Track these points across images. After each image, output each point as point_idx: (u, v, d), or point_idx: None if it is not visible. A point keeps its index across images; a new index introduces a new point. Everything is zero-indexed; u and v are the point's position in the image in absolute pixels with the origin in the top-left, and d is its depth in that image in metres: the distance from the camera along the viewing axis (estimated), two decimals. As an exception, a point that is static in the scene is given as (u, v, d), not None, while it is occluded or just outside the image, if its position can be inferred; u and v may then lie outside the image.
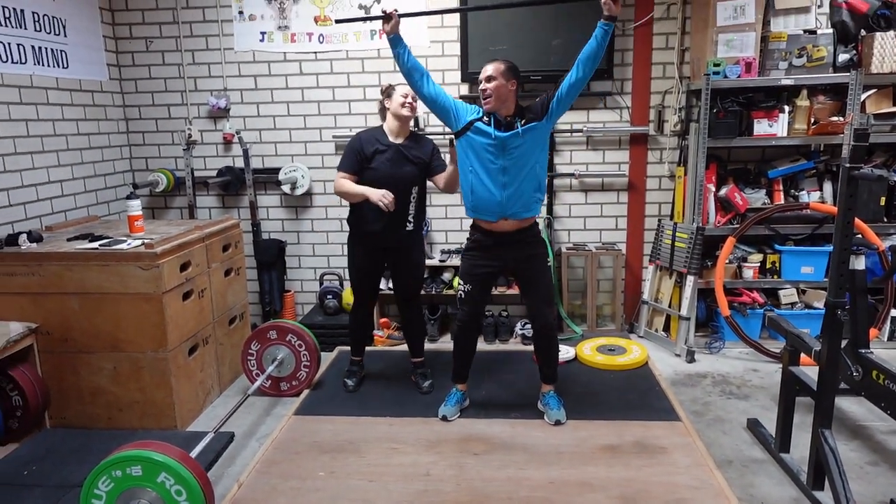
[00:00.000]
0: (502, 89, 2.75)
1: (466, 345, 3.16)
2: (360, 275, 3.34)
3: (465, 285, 3.02)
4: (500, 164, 2.81)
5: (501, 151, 2.80)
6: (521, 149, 2.81)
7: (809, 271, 3.91)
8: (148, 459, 2.13)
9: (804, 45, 3.72)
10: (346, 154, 3.14)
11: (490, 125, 2.80)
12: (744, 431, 3.02)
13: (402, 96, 3.09)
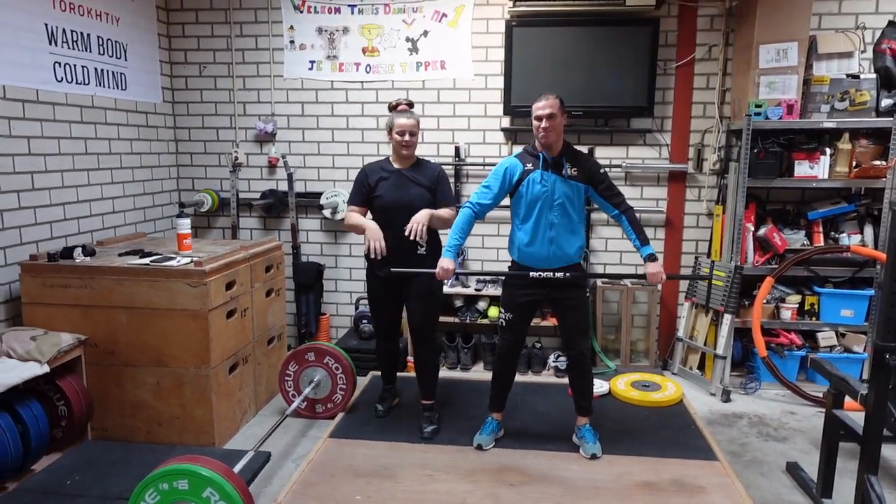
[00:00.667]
0: (560, 126, 2.86)
1: (505, 374, 3.17)
2: (376, 305, 3.31)
3: (506, 313, 3.05)
4: (549, 217, 2.89)
5: (551, 194, 2.88)
6: (567, 196, 2.89)
7: (849, 314, 3.86)
8: (195, 474, 2.17)
9: (847, 89, 3.74)
10: (354, 188, 3.19)
11: (538, 168, 2.90)
12: (783, 474, 2.97)
13: (398, 135, 3.07)
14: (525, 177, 2.91)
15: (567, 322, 3.05)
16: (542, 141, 2.86)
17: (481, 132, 4.30)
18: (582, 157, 2.97)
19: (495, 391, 3.19)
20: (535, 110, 2.85)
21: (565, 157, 2.90)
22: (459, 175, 4.35)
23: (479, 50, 4.21)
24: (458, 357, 4.25)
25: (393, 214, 3.07)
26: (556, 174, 2.89)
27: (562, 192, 2.88)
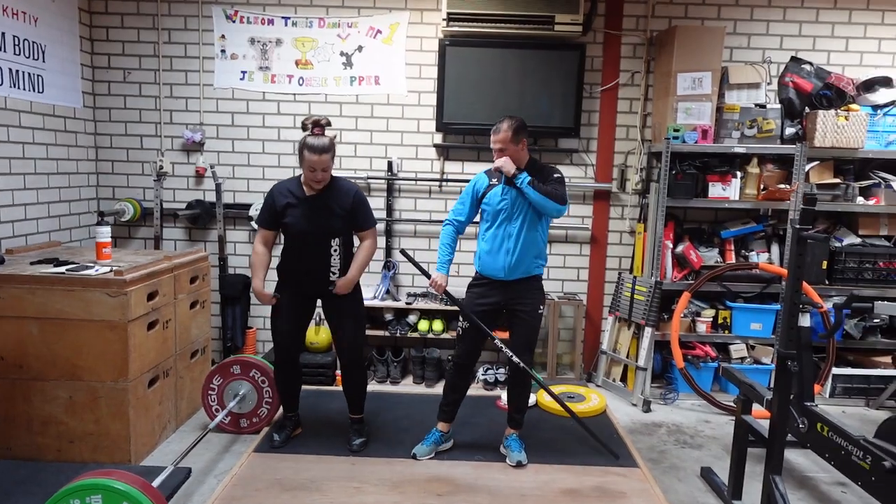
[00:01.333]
0: (514, 154, 2.98)
1: (458, 384, 3.20)
2: (286, 323, 3.12)
3: (464, 322, 3.09)
4: (508, 229, 3.00)
5: (510, 208, 2.99)
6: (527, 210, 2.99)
7: (758, 328, 4.11)
8: (109, 488, 2.08)
9: (755, 118, 4.02)
10: (262, 209, 3.09)
11: (501, 182, 3.03)
12: (698, 479, 3.11)
13: (309, 170, 2.92)
14: (489, 191, 3.05)
15: (516, 334, 3.13)
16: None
17: (414, 147, 4.36)
18: (544, 168, 3.08)
19: (446, 400, 3.22)
20: (491, 142, 3.01)
21: (527, 173, 2.99)
22: (392, 189, 4.38)
23: (413, 67, 4.27)
24: (387, 371, 4.24)
25: (303, 244, 3.03)
26: (516, 189, 2.99)
27: (521, 205, 2.99)
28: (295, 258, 3.08)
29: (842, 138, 3.91)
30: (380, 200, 4.38)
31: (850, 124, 3.90)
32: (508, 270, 3.01)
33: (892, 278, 4.07)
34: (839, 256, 4.06)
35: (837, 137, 3.91)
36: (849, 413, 3.98)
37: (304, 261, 3.06)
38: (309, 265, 3.07)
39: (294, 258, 3.08)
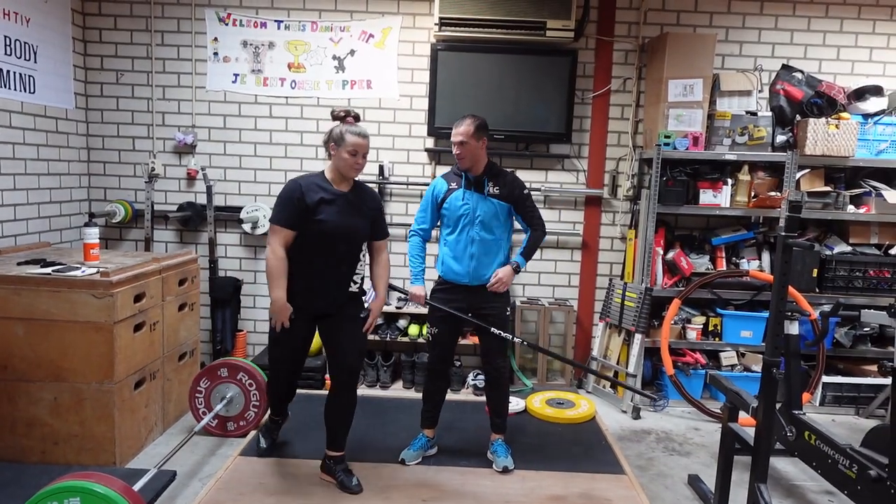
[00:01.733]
0: (474, 150, 2.96)
1: (435, 389, 3.19)
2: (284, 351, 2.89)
3: (432, 328, 3.09)
4: (470, 233, 2.99)
5: (472, 212, 2.99)
6: (489, 214, 3.00)
7: (748, 335, 4.10)
8: (88, 491, 2.07)
9: (746, 125, 4.03)
10: (284, 205, 2.66)
11: (461, 186, 3.02)
12: (685, 486, 3.10)
13: (350, 154, 2.67)
14: (449, 195, 3.04)
15: (486, 338, 3.11)
16: (459, 165, 3.00)
17: (405, 152, 4.36)
18: (506, 176, 3.07)
19: (426, 406, 3.21)
20: (452, 135, 2.97)
21: (487, 177, 3.00)
22: (383, 194, 4.38)
23: (405, 71, 4.28)
24: (377, 375, 4.23)
25: (336, 242, 2.72)
26: (478, 192, 2.99)
27: (483, 210, 2.99)
28: (316, 266, 2.73)
29: (832, 146, 3.92)
30: (371, 204, 4.37)
31: (840, 132, 3.91)
32: (473, 275, 3.02)
33: (882, 287, 4.07)
34: (829, 264, 4.07)
35: (828, 145, 3.92)
36: (839, 422, 3.97)
37: (327, 270, 2.74)
38: (330, 276, 2.76)
39: (314, 266, 2.73)
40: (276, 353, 2.95)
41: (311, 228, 2.68)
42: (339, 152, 2.68)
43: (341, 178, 2.75)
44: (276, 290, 2.70)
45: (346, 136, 2.67)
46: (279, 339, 2.83)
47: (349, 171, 2.72)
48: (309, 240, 2.70)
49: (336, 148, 2.69)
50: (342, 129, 2.68)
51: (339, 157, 2.69)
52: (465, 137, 2.92)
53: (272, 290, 2.70)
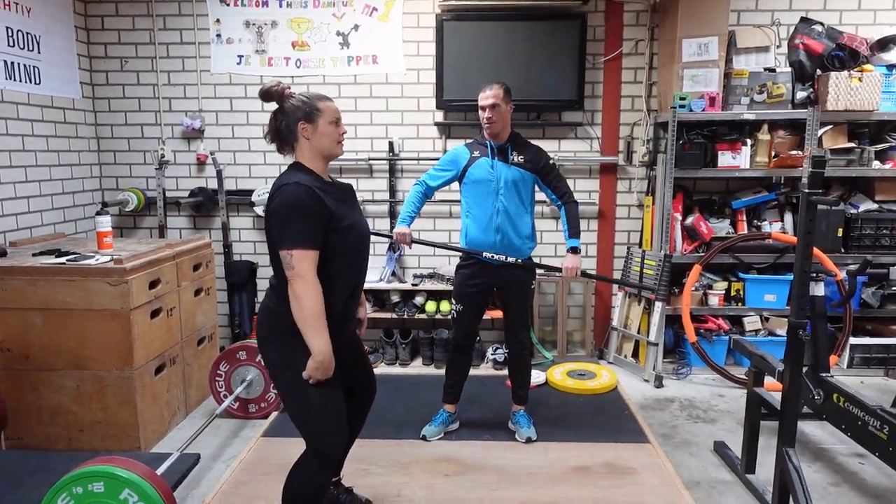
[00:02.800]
0: (504, 114, 2.90)
1: (459, 365, 3.16)
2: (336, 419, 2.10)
3: (457, 305, 3.05)
4: (495, 204, 2.92)
5: (498, 181, 2.92)
6: (515, 183, 2.92)
7: (772, 299, 4.02)
8: (111, 475, 2.07)
9: (765, 83, 3.89)
10: (306, 217, 1.93)
11: (485, 155, 2.94)
12: (710, 454, 3.06)
13: (333, 124, 2.08)
14: (472, 163, 2.96)
15: (510, 312, 3.09)
16: (488, 130, 2.91)
17: (415, 126, 4.29)
18: (530, 145, 3.01)
19: (449, 381, 3.19)
20: (480, 100, 2.89)
21: (511, 146, 2.95)
22: (394, 170, 4.33)
23: (411, 44, 4.19)
24: (396, 353, 4.22)
25: (365, 248, 2.19)
26: (502, 161, 2.94)
27: (507, 178, 2.92)
28: (347, 285, 2.11)
29: (855, 100, 3.78)
30: (382, 182, 4.33)
31: (863, 85, 3.77)
32: (498, 248, 2.95)
33: (910, 244, 3.95)
34: (855, 223, 3.95)
35: (851, 100, 3.78)
36: (867, 383, 3.89)
37: (356, 286, 2.18)
38: (357, 291, 2.19)
39: (345, 285, 2.10)
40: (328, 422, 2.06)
41: (338, 240, 2.02)
42: (317, 129, 2.04)
43: (325, 165, 2.11)
44: (320, 337, 1.94)
45: (318, 104, 2.06)
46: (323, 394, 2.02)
47: (336, 148, 2.10)
48: (337, 255, 2.03)
49: (309, 125, 2.04)
50: (301, 100, 2.06)
51: (320, 134, 2.05)
52: (496, 100, 2.85)
53: (316, 339, 1.93)
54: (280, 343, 2.05)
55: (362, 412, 2.40)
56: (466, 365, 3.19)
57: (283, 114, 2.06)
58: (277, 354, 2.07)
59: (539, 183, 3.02)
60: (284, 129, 2.06)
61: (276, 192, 1.99)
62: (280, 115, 2.07)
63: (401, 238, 3.02)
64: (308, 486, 2.13)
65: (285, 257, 1.93)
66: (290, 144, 2.09)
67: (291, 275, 1.92)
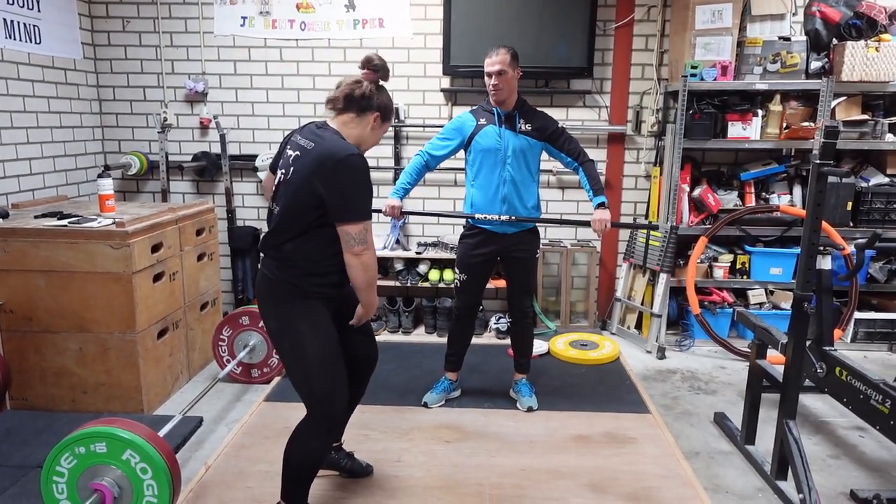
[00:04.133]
0: (511, 81, 2.81)
1: (461, 334, 3.15)
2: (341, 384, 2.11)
3: (460, 274, 3.03)
4: (501, 173, 2.87)
5: (505, 150, 2.86)
6: (522, 151, 2.86)
7: (778, 272, 3.99)
8: (113, 436, 2.08)
9: (779, 52, 3.80)
10: (368, 189, 1.98)
11: (491, 123, 2.87)
12: (711, 425, 3.07)
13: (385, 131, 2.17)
14: (478, 131, 2.89)
15: (514, 281, 3.07)
16: (494, 98, 2.83)
17: (421, 93, 4.22)
18: (537, 113, 2.94)
19: (451, 350, 3.18)
20: (486, 66, 2.79)
21: (518, 113, 2.88)
22: (399, 137, 4.27)
23: (418, 7, 4.10)
24: (399, 321, 4.23)
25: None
26: (509, 129, 2.87)
27: (515, 147, 2.86)
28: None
29: (871, 71, 3.70)
30: (387, 149, 4.28)
31: (881, 56, 3.68)
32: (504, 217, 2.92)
33: (920, 219, 3.90)
34: (865, 197, 3.90)
35: (867, 70, 3.70)
36: (870, 358, 3.88)
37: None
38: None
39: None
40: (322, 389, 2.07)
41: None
42: (380, 127, 2.08)
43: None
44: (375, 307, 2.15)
45: (391, 112, 2.12)
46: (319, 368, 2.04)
47: (368, 146, 2.10)
48: None
49: (381, 120, 2.06)
50: (389, 97, 2.08)
51: (377, 131, 2.09)
52: (503, 66, 2.75)
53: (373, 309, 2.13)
54: (279, 310, 2.05)
55: (364, 379, 2.38)
56: (468, 334, 3.18)
57: (377, 91, 2.01)
58: (276, 321, 2.07)
59: (550, 150, 2.95)
60: (362, 102, 2.00)
61: (345, 159, 1.89)
62: (366, 87, 1.99)
63: (389, 211, 2.91)
64: (308, 452, 2.14)
65: (356, 231, 1.90)
66: (347, 112, 2.02)
67: (363, 249, 1.92)
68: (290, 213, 1.98)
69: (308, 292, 2.02)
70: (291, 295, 2.00)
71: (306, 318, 2.00)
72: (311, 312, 2.03)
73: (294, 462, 2.14)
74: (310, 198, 1.92)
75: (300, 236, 1.98)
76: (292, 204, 1.97)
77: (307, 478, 2.18)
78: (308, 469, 2.16)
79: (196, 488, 2.46)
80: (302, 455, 2.14)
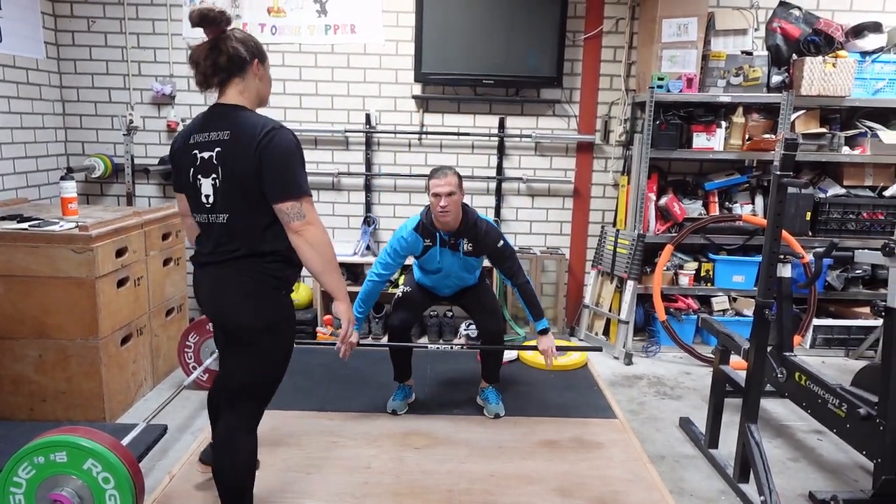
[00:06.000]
0: (458, 203, 2.84)
1: (400, 349, 3.11)
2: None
3: (405, 287, 3.06)
4: (446, 281, 3.08)
5: (448, 269, 3.01)
6: (465, 268, 3.03)
7: (740, 280, 4.09)
8: (74, 445, 2.03)
9: (741, 65, 3.91)
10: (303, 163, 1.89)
11: (436, 244, 2.94)
12: (676, 429, 3.12)
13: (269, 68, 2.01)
14: (425, 252, 2.97)
15: (475, 308, 3.14)
16: (441, 219, 2.82)
17: (392, 99, 4.23)
18: (480, 233, 2.92)
19: (395, 364, 3.16)
20: (433, 187, 2.78)
21: (463, 235, 2.91)
22: (370, 143, 4.27)
23: (390, 14, 4.11)
24: (369, 327, 4.21)
25: None
26: (452, 250, 2.94)
27: (458, 267, 3.00)
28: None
29: (829, 86, 3.83)
30: (358, 154, 4.28)
31: (837, 71, 3.81)
32: (448, 292, 3.16)
33: (875, 229, 4.04)
34: (823, 207, 4.02)
35: (824, 85, 3.83)
36: (828, 363, 4.00)
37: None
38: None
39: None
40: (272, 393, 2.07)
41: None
42: (266, 68, 1.96)
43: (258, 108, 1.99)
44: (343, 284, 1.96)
45: (259, 45, 1.95)
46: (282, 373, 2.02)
47: (268, 94, 2.02)
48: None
49: (262, 65, 1.93)
50: (247, 35, 1.92)
51: (268, 78, 1.98)
52: (453, 188, 2.75)
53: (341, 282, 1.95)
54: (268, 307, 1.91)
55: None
56: (409, 349, 3.13)
57: (237, 42, 1.84)
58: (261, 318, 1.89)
59: (491, 262, 3.06)
60: (235, 63, 1.84)
61: (267, 137, 1.77)
62: (231, 43, 1.83)
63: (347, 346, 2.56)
64: (253, 455, 2.04)
65: (293, 208, 1.78)
66: (226, 81, 1.87)
67: (302, 224, 1.80)
68: (245, 209, 1.83)
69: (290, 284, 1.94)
70: (277, 289, 1.90)
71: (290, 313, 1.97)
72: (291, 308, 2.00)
73: (250, 474, 2.04)
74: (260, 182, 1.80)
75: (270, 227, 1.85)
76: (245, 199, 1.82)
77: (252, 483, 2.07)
78: (253, 474, 2.06)
79: (160, 498, 2.41)
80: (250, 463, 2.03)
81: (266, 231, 1.85)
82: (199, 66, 1.86)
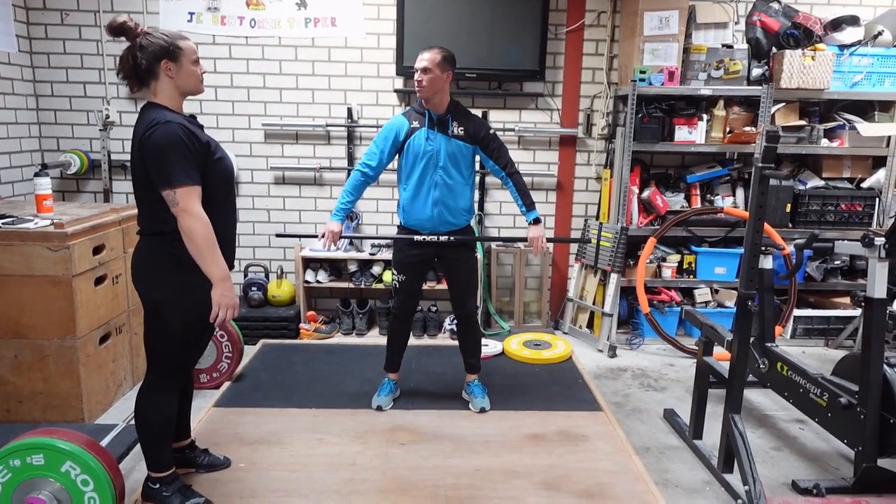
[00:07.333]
0: (437, 81, 2.77)
1: (400, 335, 3.14)
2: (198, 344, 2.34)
3: (398, 275, 3.01)
4: (433, 177, 2.85)
5: (436, 153, 2.84)
6: (453, 155, 2.85)
7: (722, 272, 4.12)
8: (51, 447, 1.99)
9: (722, 59, 3.93)
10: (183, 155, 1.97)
11: (423, 125, 2.84)
12: (660, 421, 3.14)
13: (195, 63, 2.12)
14: (411, 134, 2.85)
15: (455, 282, 3.06)
16: (418, 94, 2.80)
17: (374, 93, 4.19)
18: (470, 116, 2.92)
19: (391, 351, 3.16)
20: (415, 63, 2.77)
21: (451, 116, 2.86)
22: (353, 137, 4.23)
23: (371, 7, 4.07)
24: (353, 323, 4.18)
25: (232, 189, 2.28)
26: (441, 133, 2.84)
27: (447, 151, 2.84)
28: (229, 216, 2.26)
29: (808, 79, 3.86)
30: (340, 149, 4.24)
31: (816, 64, 3.84)
32: (437, 221, 2.89)
33: (853, 220, 4.09)
34: (803, 199, 4.06)
35: (804, 78, 3.86)
36: (809, 353, 4.05)
37: (234, 217, 2.33)
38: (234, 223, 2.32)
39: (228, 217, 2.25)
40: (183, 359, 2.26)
41: (213, 172, 2.08)
42: (181, 68, 2.05)
43: (182, 103, 2.14)
44: (220, 265, 2.04)
45: (178, 43, 2.05)
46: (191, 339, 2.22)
47: (199, 86, 2.14)
48: (214, 187, 2.10)
49: (173, 63, 2.03)
50: (162, 38, 2.02)
51: (184, 72, 2.06)
52: (429, 64, 2.72)
53: (216, 267, 2.02)
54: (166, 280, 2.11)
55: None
56: (408, 334, 3.19)
57: (140, 51, 2.01)
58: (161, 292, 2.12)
59: (480, 154, 2.93)
60: (144, 67, 2.02)
61: (147, 133, 1.96)
62: (137, 52, 2.02)
63: (328, 236, 2.80)
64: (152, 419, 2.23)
65: (169, 196, 1.96)
66: (147, 83, 2.07)
67: (178, 211, 1.97)
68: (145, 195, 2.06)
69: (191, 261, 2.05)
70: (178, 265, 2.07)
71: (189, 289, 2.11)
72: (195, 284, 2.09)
73: (145, 430, 2.23)
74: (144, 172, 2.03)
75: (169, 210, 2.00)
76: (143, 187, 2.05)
77: (168, 435, 2.29)
78: (168, 427, 2.26)
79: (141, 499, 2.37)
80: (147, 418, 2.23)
81: (167, 214, 2.01)
82: (121, 74, 2.11)
